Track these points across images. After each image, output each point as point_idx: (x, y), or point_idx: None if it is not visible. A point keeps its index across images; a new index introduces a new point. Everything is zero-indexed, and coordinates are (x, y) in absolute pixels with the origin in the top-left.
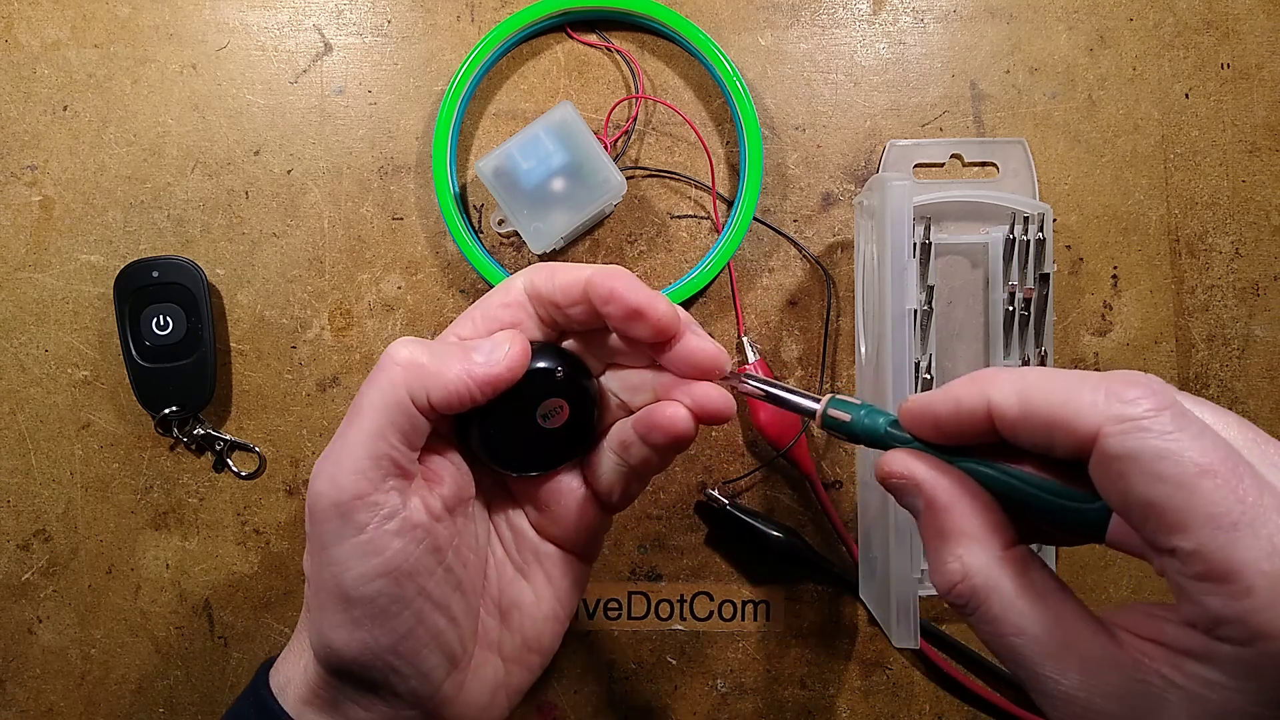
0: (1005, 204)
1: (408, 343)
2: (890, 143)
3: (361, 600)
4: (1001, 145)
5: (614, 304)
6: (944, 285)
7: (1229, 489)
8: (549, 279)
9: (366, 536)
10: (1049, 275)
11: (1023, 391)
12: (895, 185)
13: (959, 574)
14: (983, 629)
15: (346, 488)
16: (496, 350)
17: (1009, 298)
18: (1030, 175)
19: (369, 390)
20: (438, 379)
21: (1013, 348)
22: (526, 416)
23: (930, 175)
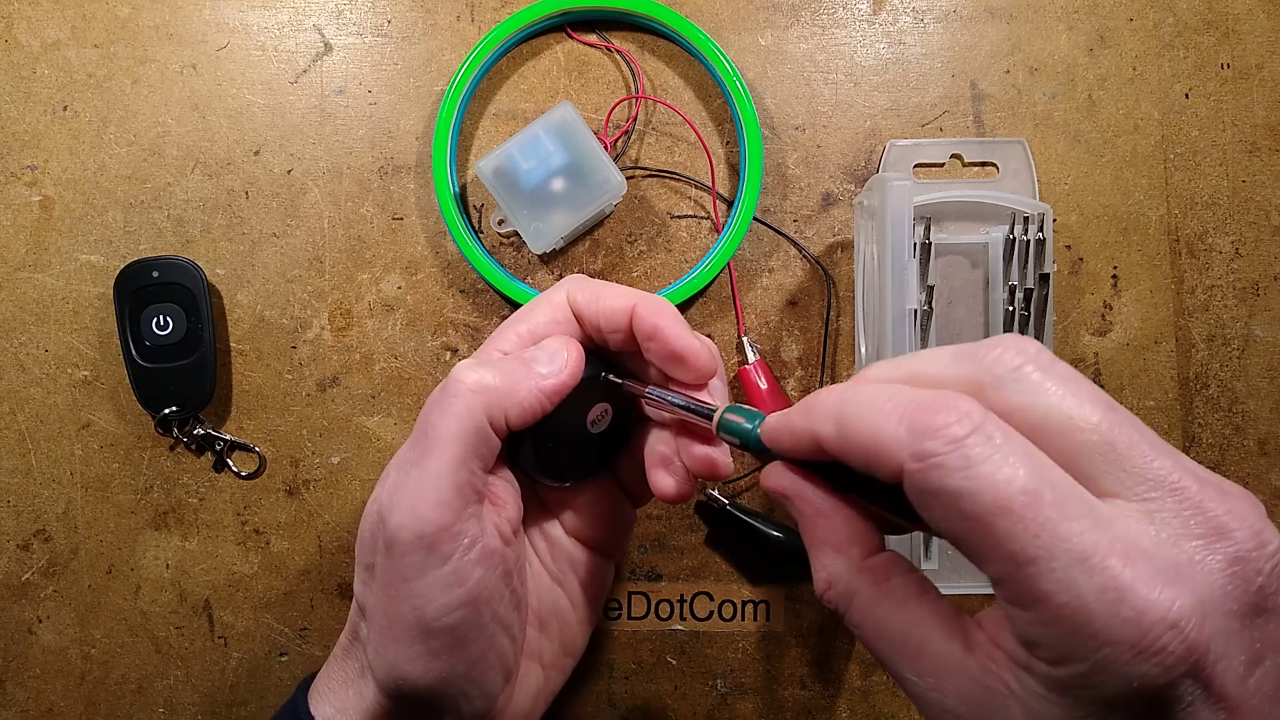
0: (1005, 204)
1: (472, 365)
2: (890, 143)
3: (442, 631)
4: (1001, 145)
5: (657, 342)
6: (944, 285)
7: (1023, 525)
8: (593, 300)
9: (450, 568)
10: (1049, 275)
11: (839, 420)
12: (895, 185)
13: (825, 583)
14: (855, 633)
15: (432, 519)
16: (556, 359)
17: (1009, 297)
18: (1030, 175)
19: (444, 418)
20: (512, 398)
21: None
22: (579, 424)
23: (930, 175)
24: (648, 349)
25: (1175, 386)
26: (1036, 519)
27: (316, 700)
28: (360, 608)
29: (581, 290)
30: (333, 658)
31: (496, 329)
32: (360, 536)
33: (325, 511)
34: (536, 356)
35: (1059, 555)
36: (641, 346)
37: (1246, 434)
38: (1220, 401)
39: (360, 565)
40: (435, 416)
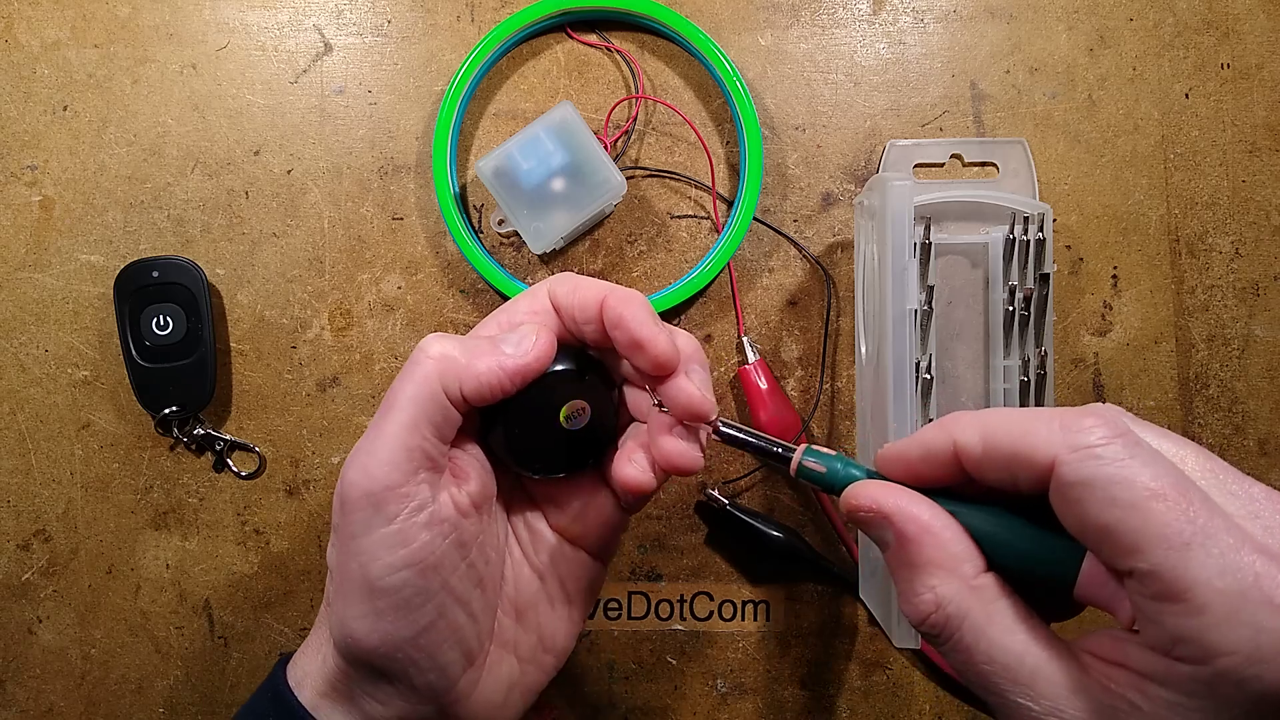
0: (1005, 204)
1: (439, 338)
2: (890, 143)
3: (386, 591)
4: (1001, 145)
5: (620, 330)
6: (944, 285)
7: (1179, 511)
8: (571, 291)
9: (396, 527)
10: (1049, 275)
11: (984, 429)
12: (895, 185)
13: (932, 604)
14: (955, 658)
15: (379, 478)
16: (524, 341)
17: (1009, 297)
18: (1030, 175)
19: (403, 383)
20: (469, 370)
21: (1013, 348)
22: (550, 418)
23: (930, 175)
24: (615, 338)
25: (1175, 386)
26: (1192, 504)
27: (292, 667)
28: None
29: (562, 283)
30: (314, 627)
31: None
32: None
33: (325, 511)
34: (505, 338)
35: (1215, 538)
36: (611, 337)
37: (1246, 434)
38: (1220, 401)
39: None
40: (397, 383)
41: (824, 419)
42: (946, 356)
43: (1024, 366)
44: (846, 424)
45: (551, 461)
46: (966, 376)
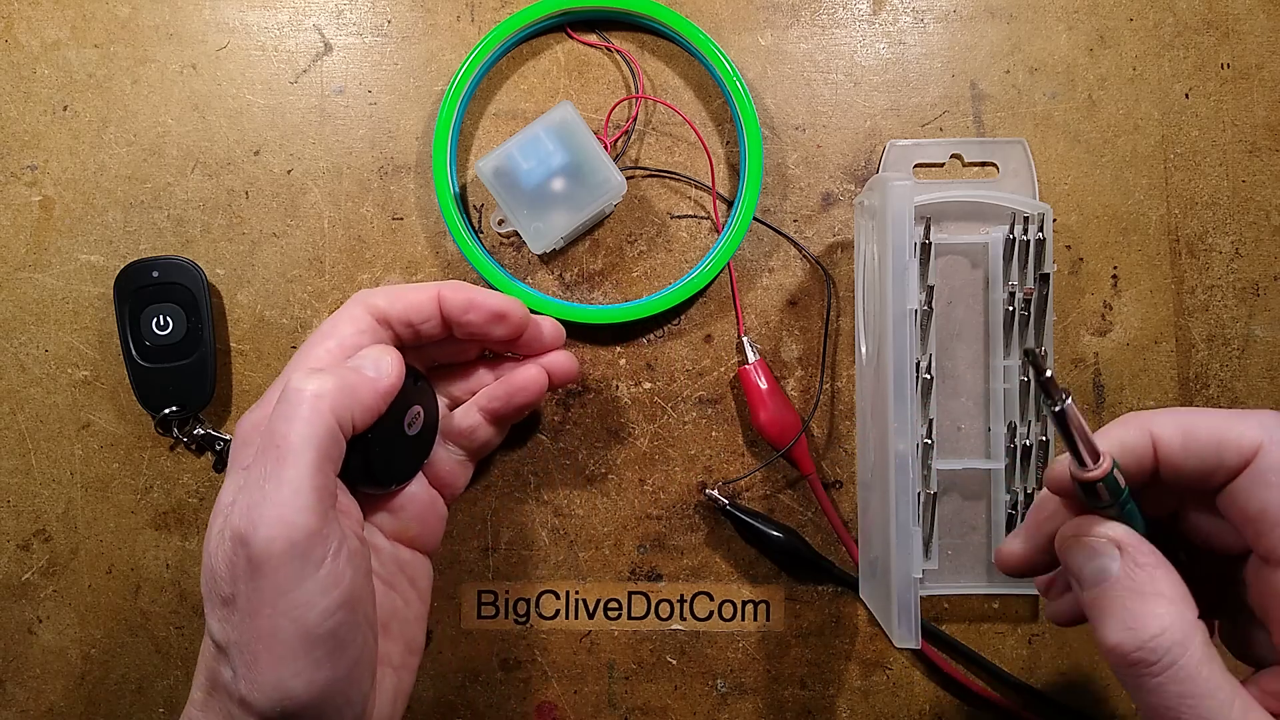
0: (1005, 204)
1: (308, 375)
2: (890, 143)
3: (325, 637)
4: (1001, 145)
5: (475, 311)
6: (944, 285)
7: None
8: (394, 301)
9: (325, 571)
10: (1049, 275)
11: (1184, 422)
12: (896, 185)
13: (1159, 630)
14: (1168, 686)
15: (301, 525)
16: (381, 363)
17: (1009, 298)
18: (1030, 175)
19: (294, 425)
20: (356, 399)
21: (1013, 347)
22: (397, 429)
23: (930, 175)
24: (468, 320)
25: (1175, 386)
26: None
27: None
28: (219, 650)
29: (377, 297)
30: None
31: (296, 355)
32: (210, 576)
33: None
34: (361, 364)
35: None
36: (458, 323)
37: None
38: (1220, 402)
39: (215, 605)
40: (283, 427)
41: (824, 419)
42: (946, 356)
43: (1024, 367)
44: (846, 424)
45: (400, 470)
46: (966, 376)
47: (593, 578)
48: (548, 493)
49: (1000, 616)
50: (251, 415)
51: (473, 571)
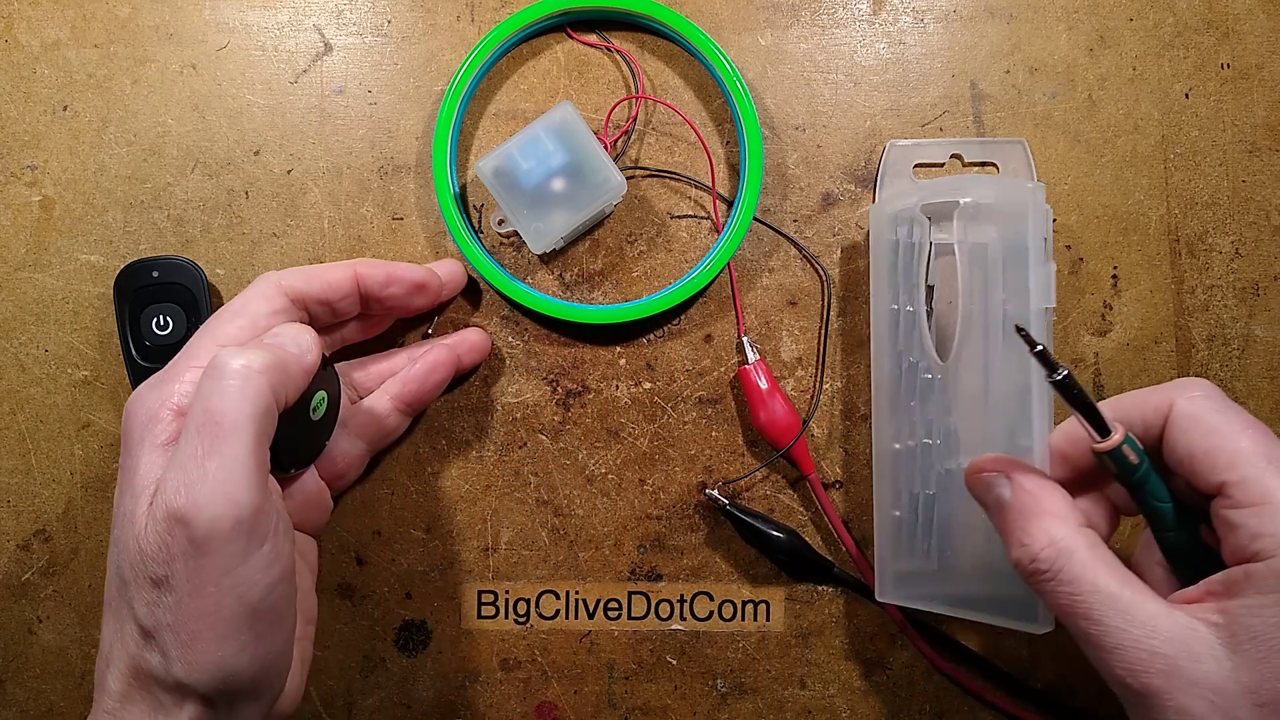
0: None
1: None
2: (890, 143)
3: (267, 611)
4: (1001, 145)
5: (396, 284)
6: (944, 285)
7: (1263, 440)
8: (310, 280)
9: (269, 546)
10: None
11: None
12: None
13: (1046, 541)
14: (1060, 590)
15: (247, 503)
16: (301, 340)
17: (1008, 297)
18: (1030, 175)
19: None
20: (287, 375)
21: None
22: (303, 411)
23: (931, 175)
24: (388, 296)
25: None
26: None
27: None
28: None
29: (289, 277)
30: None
31: (200, 332)
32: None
33: None
34: (283, 340)
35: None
36: (378, 299)
37: None
38: None
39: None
40: (219, 403)
41: (824, 419)
42: (945, 357)
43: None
44: (846, 424)
45: (302, 455)
46: (965, 377)
47: (593, 578)
48: (548, 493)
49: None
50: (152, 391)
51: (473, 571)
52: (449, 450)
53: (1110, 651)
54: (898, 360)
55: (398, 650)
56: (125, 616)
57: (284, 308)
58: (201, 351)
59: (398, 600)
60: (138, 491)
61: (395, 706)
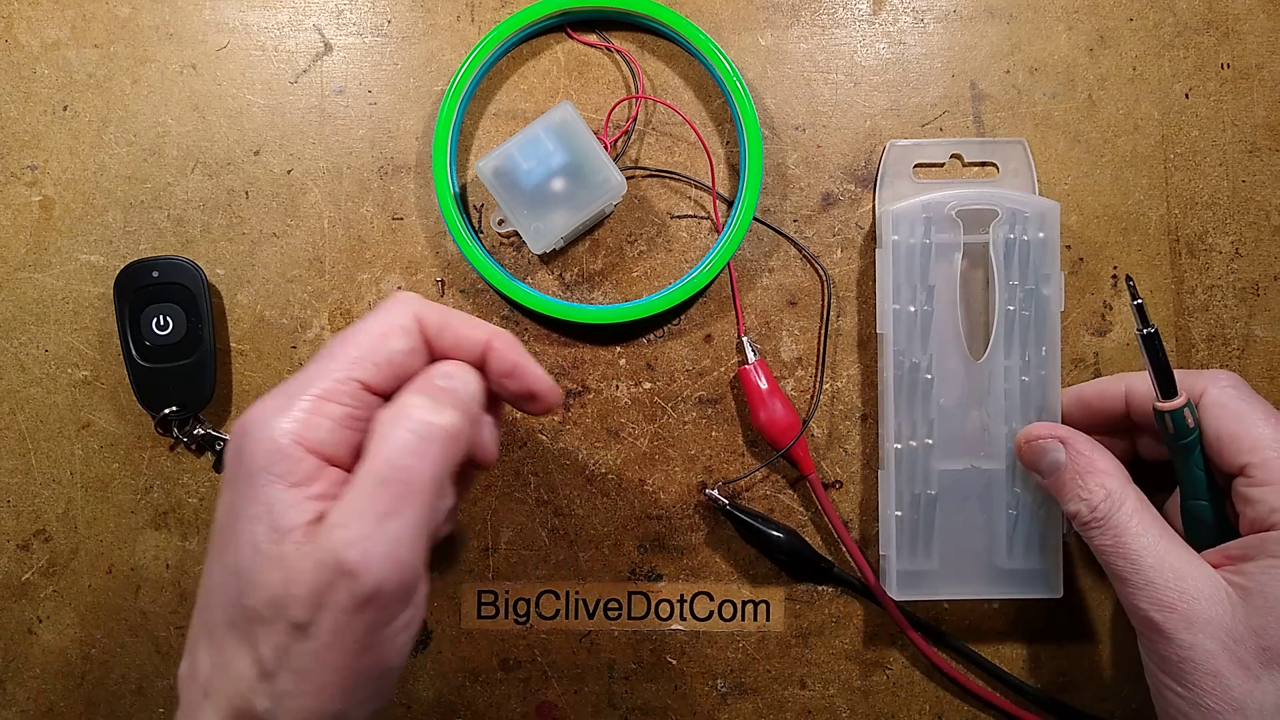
0: (1008, 204)
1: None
2: (890, 143)
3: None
4: (1002, 145)
5: (514, 380)
6: (944, 285)
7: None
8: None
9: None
10: (1050, 274)
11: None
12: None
13: (1103, 494)
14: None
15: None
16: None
17: (1009, 297)
18: (1030, 175)
19: (426, 463)
20: (469, 442)
21: (1014, 347)
22: None
23: (930, 175)
24: (502, 384)
25: None
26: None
27: None
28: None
29: (428, 313)
30: None
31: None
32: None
33: None
34: (466, 400)
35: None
36: (495, 380)
37: None
38: None
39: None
40: (413, 463)
41: (824, 419)
42: (946, 356)
43: (1025, 366)
44: (846, 424)
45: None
46: (966, 376)
47: (593, 578)
48: (548, 493)
49: (1000, 616)
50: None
51: (473, 571)
52: None
53: (1142, 588)
54: (901, 360)
55: None
56: (240, 651)
57: (419, 347)
58: (325, 376)
59: None
60: (279, 528)
61: (395, 706)
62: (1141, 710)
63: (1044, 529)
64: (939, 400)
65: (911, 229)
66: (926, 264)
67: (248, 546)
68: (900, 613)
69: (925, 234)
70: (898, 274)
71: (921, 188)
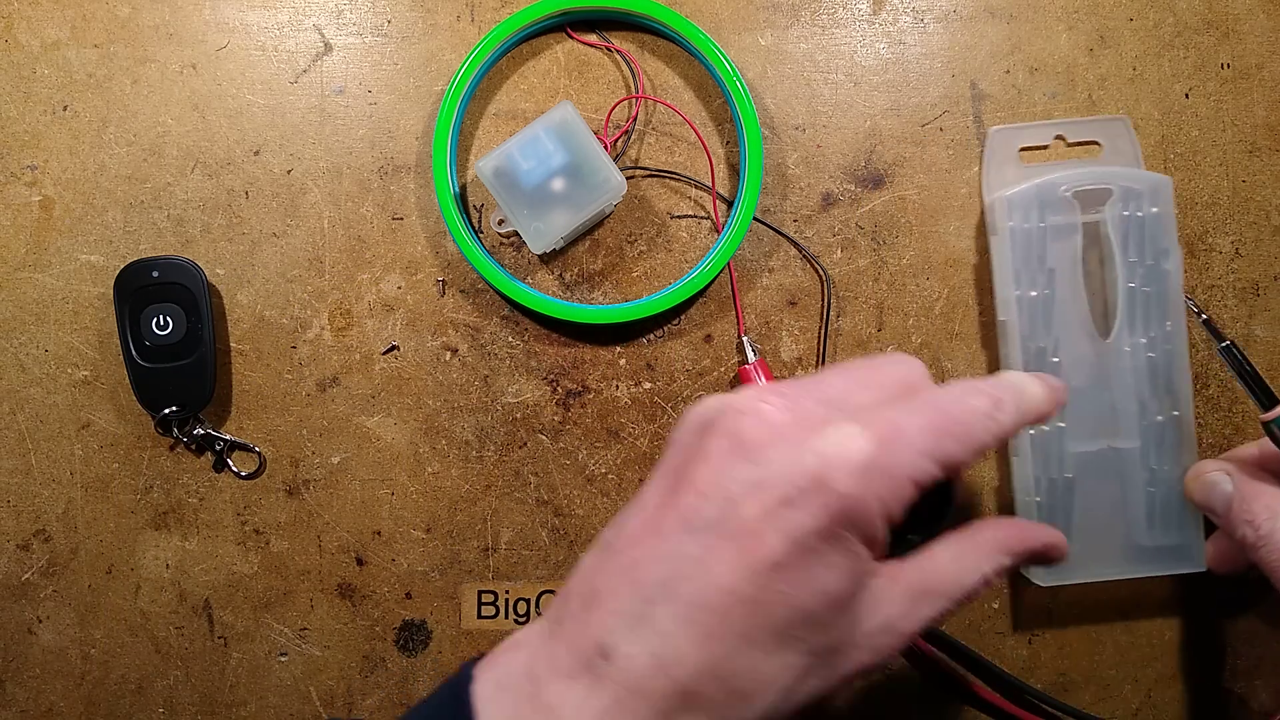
0: (1120, 181)
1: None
2: (991, 130)
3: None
4: (1104, 123)
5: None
6: (1064, 267)
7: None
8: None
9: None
10: (1169, 249)
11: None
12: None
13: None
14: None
15: None
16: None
17: (1130, 274)
18: (1135, 151)
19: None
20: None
21: (1136, 325)
22: None
23: (1035, 159)
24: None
25: None
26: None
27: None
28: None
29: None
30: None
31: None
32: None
33: (325, 511)
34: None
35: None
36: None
37: (1246, 434)
38: (1220, 401)
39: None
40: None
41: None
42: (1073, 338)
43: (1151, 343)
44: None
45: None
46: (1094, 356)
47: None
48: (548, 493)
49: (1000, 616)
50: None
51: (473, 571)
52: (449, 450)
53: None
54: (1027, 346)
55: (398, 650)
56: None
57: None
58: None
59: (398, 600)
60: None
61: (395, 706)
62: (1142, 710)
63: (1182, 504)
64: (1071, 382)
65: (1025, 214)
66: (1044, 247)
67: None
68: None
69: (1040, 218)
70: (1016, 260)
71: (1028, 172)
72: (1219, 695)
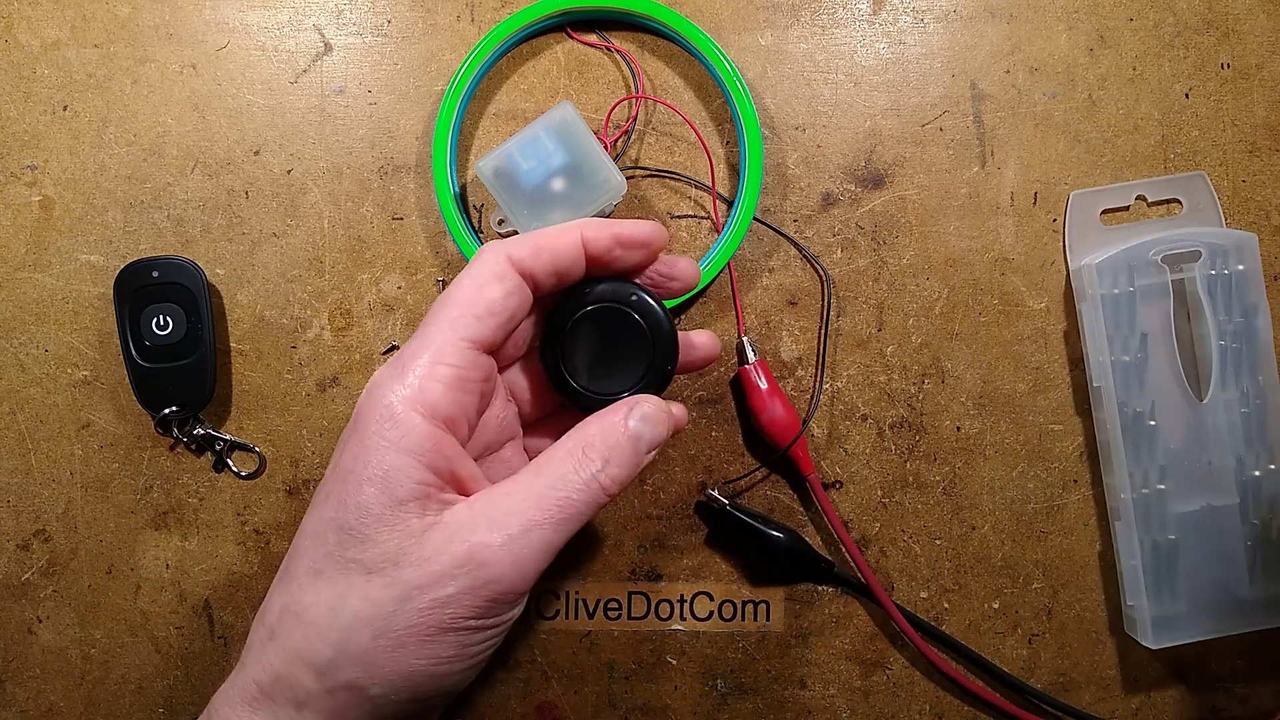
0: (1205, 240)
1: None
2: (1072, 194)
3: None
4: (1183, 180)
5: (621, 247)
6: (1156, 330)
7: None
8: (538, 252)
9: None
10: (1258, 305)
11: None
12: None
13: None
14: None
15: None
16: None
17: (1220, 332)
18: (1215, 207)
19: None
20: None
21: (1227, 381)
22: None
23: (1117, 220)
24: (613, 259)
25: None
26: None
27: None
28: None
29: (517, 249)
30: None
31: (433, 316)
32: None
33: None
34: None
35: None
36: (605, 260)
37: None
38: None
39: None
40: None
41: (823, 419)
42: (1168, 400)
43: (1243, 398)
44: (846, 424)
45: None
46: (1190, 417)
47: (593, 578)
48: None
49: (1000, 616)
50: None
51: None
52: None
53: None
54: (1125, 411)
55: None
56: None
57: (517, 287)
58: (437, 338)
59: None
60: (395, 495)
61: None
62: (1141, 710)
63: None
64: (1169, 444)
65: (1115, 279)
66: (1133, 311)
67: (354, 506)
68: (900, 613)
69: (1130, 282)
70: (1108, 325)
71: (1110, 234)
72: (1219, 695)
